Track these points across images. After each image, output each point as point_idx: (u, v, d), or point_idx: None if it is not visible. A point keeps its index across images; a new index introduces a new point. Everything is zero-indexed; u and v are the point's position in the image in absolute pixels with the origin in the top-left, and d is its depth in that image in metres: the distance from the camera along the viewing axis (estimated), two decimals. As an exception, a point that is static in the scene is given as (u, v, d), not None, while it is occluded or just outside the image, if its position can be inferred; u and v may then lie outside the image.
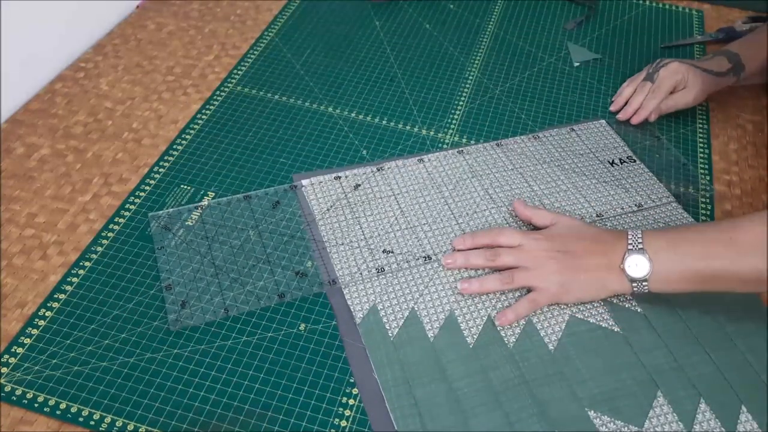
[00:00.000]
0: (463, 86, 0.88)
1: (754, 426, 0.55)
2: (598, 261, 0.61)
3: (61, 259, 0.66)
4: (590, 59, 0.94)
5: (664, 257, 0.59)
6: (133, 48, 0.92)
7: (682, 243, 0.59)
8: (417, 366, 0.58)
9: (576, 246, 0.62)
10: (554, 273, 0.61)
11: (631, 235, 0.60)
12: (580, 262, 0.61)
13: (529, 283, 0.62)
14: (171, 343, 0.59)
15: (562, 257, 0.62)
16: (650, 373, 0.58)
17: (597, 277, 0.61)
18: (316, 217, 0.70)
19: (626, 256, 0.60)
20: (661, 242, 0.60)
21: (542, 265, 0.62)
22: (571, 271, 0.61)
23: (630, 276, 0.60)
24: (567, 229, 0.64)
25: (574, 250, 0.62)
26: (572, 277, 0.61)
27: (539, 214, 0.67)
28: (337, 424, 0.55)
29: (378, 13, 1.00)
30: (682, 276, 0.59)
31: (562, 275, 0.61)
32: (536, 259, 0.62)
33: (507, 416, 0.55)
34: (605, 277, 0.61)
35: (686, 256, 0.59)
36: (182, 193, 0.72)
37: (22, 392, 0.56)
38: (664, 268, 0.59)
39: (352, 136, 0.80)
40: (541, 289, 0.61)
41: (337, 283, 0.64)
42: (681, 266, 0.59)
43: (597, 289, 0.62)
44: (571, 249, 0.62)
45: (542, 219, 0.67)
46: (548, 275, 0.61)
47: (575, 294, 0.62)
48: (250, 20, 0.98)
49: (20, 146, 0.77)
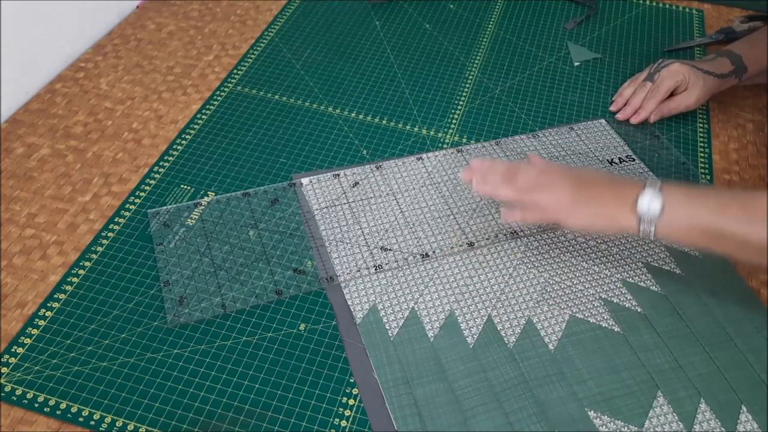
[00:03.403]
0: (463, 86, 0.88)
1: (754, 426, 0.55)
2: (612, 192, 0.60)
3: (61, 259, 0.66)
4: (590, 59, 0.94)
5: (678, 205, 0.58)
6: (133, 48, 0.92)
7: (698, 197, 0.59)
8: (417, 366, 0.58)
9: (592, 177, 0.62)
10: (566, 192, 0.61)
11: (650, 180, 0.60)
12: (594, 191, 0.61)
13: (542, 197, 0.61)
14: (171, 343, 0.59)
15: (577, 183, 0.61)
16: (650, 373, 0.58)
17: (608, 207, 0.60)
18: (315, 214, 0.70)
19: (642, 193, 0.59)
20: (679, 192, 0.59)
21: (557, 184, 0.61)
22: (583, 195, 0.61)
23: (641, 214, 0.59)
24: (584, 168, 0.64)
25: (590, 180, 0.62)
26: (583, 200, 0.60)
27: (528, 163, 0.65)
28: (337, 424, 0.55)
29: (378, 13, 1.00)
30: (690, 227, 0.58)
31: (574, 196, 0.61)
32: (552, 177, 0.62)
33: (507, 416, 0.55)
34: (616, 210, 0.59)
35: (700, 208, 0.58)
36: (182, 193, 0.72)
37: (22, 392, 0.56)
38: (675, 215, 0.58)
39: (352, 136, 0.80)
40: (551, 205, 0.61)
41: (335, 280, 0.64)
42: (691, 217, 0.58)
43: (606, 220, 0.60)
44: (587, 178, 0.62)
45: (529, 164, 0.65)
46: (560, 192, 0.61)
47: (582, 218, 0.61)
48: (250, 20, 0.98)
49: (20, 146, 0.77)
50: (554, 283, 0.65)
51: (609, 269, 0.66)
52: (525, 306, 0.63)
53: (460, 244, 0.68)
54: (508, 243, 0.68)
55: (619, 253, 0.67)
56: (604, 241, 0.69)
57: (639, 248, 0.68)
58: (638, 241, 0.68)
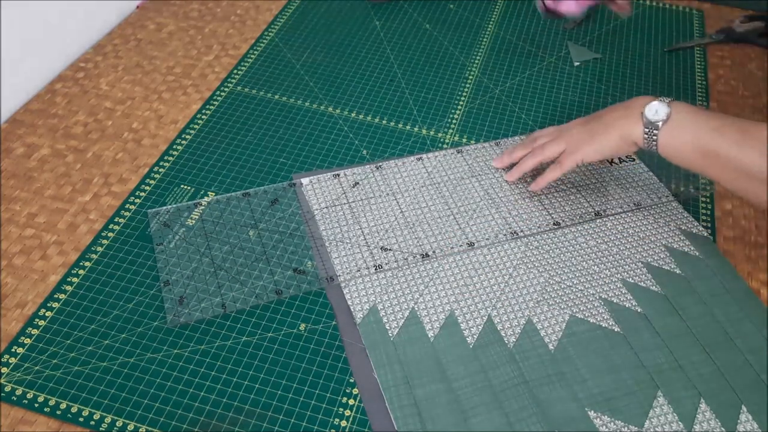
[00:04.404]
0: (463, 86, 0.88)
1: (754, 426, 0.55)
2: (619, 113, 0.66)
3: (61, 259, 0.66)
4: (590, 59, 0.94)
5: (683, 116, 0.61)
6: (133, 48, 0.92)
7: (702, 114, 0.61)
8: (417, 366, 0.58)
9: (604, 111, 0.68)
10: (579, 131, 0.68)
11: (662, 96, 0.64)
12: (603, 120, 0.67)
13: (559, 148, 0.69)
14: (171, 343, 0.59)
15: (590, 118, 0.69)
16: (650, 373, 0.58)
17: (617, 125, 0.65)
18: (315, 214, 0.70)
19: (650, 102, 0.63)
20: (686, 107, 0.62)
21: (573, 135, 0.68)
22: (594, 126, 0.67)
23: (647, 118, 0.62)
24: None
25: (601, 114, 0.68)
26: (595, 129, 0.66)
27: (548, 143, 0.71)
28: (337, 424, 0.55)
29: (378, 13, 1.00)
30: (690, 143, 0.61)
31: (586, 129, 0.67)
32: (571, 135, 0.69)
33: (507, 416, 0.55)
34: (624, 123, 0.64)
35: (703, 124, 0.60)
36: (182, 193, 0.72)
37: (22, 392, 0.56)
38: (679, 125, 0.61)
39: (352, 136, 0.80)
40: (568, 150, 0.68)
41: (335, 280, 0.64)
42: (693, 133, 0.61)
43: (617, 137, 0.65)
44: (598, 115, 0.68)
45: (551, 142, 0.71)
46: (574, 133, 0.68)
47: (599, 143, 0.66)
48: (250, 20, 0.98)
49: (20, 146, 0.77)
50: (554, 283, 0.65)
51: (609, 269, 0.66)
52: (525, 306, 0.63)
53: (460, 244, 0.68)
54: (508, 243, 0.68)
55: (619, 253, 0.67)
56: (604, 241, 0.69)
57: (639, 248, 0.68)
58: (638, 241, 0.69)
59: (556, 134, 0.71)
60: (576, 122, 0.70)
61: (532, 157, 0.71)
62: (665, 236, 0.69)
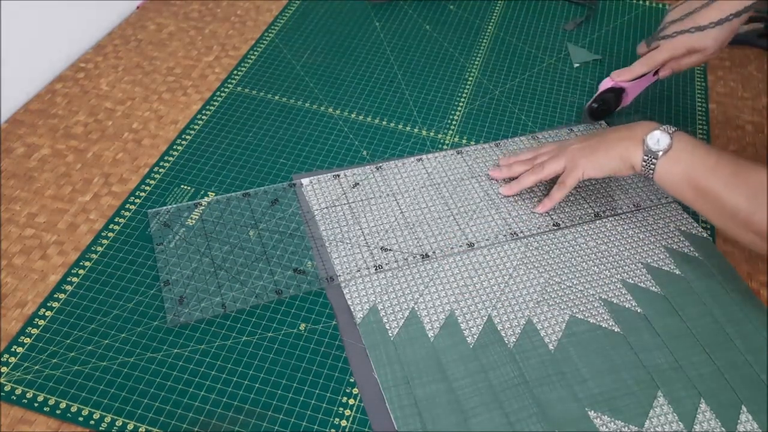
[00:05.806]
0: (463, 87, 0.88)
1: (754, 426, 0.55)
2: (622, 134, 0.66)
3: (61, 259, 0.66)
4: (590, 60, 0.94)
5: (683, 148, 0.62)
6: (133, 48, 0.92)
7: (701, 149, 0.62)
8: (417, 366, 0.58)
9: (606, 131, 0.69)
10: (580, 147, 0.68)
11: (665, 125, 0.64)
12: (605, 138, 0.67)
13: (559, 167, 0.69)
14: (171, 343, 0.59)
15: (591, 136, 0.69)
16: (650, 373, 0.58)
17: (618, 147, 0.65)
18: (315, 214, 0.70)
19: (653, 130, 0.63)
20: (688, 139, 0.63)
21: (572, 151, 0.68)
22: (596, 143, 0.67)
23: (648, 146, 0.63)
24: None
25: (603, 133, 0.68)
26: (596, 148, 0.67)
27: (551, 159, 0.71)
28: (337, 424, 0.55)
29: (378, 13, 1.01)
30: (685, 175, 0.61)
31: (587, 145, 0.68)
32: (571, 151, 0.69)
33: (507, 416, 0.55)
34: (626, 146, 0.65)
35: (699, 160, 0.61)
36: (182, 193, 0.72)
37: (22, 392, 0.56)
38: (676, 158, 0.62)
39: (352, 137, 0.80)
40: (568, 168, 0.68)
41: (335, 280, 0.64)
42: (688, 167, 0.61)
43: (617, 157, 0.65)
44: (600, 132, 0.69)
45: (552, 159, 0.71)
46: (574, 150, 0.68)
47: (598, 161, 0.66)
48: (250, 21, 0.98)
49: (20, 146, 0.77)
50: (554, 284, 0.65)
51: (609, 269, 0.66)
52: (525, 306, 0.63)
53: (460, 244, 0.68)
54: (508, 244, 0.68)
55: (619, 254, 0.68)
56: (604, 241, 0.69)
57: (639, 248, 0.68)
58: (638, 242, 0.69)
59: (556, 152, 0.71)
60: (576, 139, 0.70)
61: (532, 175, 0.71)
62: (665, 237, 0.69)
